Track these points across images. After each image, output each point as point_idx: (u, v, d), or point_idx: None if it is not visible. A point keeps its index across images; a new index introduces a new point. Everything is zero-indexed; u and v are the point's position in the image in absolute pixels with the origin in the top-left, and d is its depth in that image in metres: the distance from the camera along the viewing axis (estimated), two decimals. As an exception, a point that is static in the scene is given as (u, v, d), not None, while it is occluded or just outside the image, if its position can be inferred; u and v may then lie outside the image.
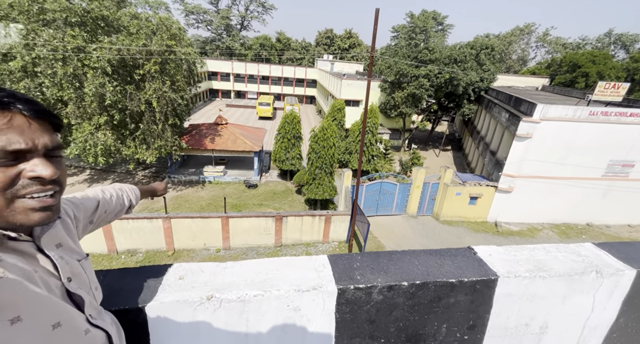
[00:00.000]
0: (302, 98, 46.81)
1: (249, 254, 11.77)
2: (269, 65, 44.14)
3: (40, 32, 11.73)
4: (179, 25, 15.86)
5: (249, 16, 57.65)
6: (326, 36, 59.77)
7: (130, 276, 0.89)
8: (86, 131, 12.19)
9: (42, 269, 0.64)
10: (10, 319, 0.52)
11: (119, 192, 1.12)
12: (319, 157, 13.42)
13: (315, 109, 43.88)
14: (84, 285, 0.73)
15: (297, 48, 59.53)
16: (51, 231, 0.70)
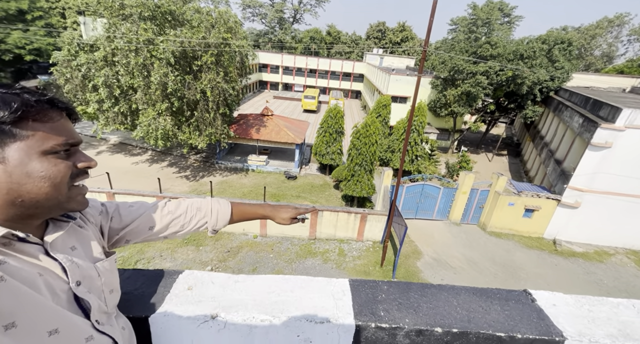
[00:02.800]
0: (348, 92, 46.25)
1: (283, 243, 12.09)
2: (317, 59, 44.24)
3: (120, 26, 13.12)
4: (236, 18, 16.55)
5: (302, 9, 58.16)
6: (377, 29, 57.89)
7: (142, 279, 0.88)
8: (150, 116, 13.44)
9: (49, 273, 0.63)
10: (4, 325, 0.51)
11: (192, 211, 0.99)
12: (359, 154, 13.15)
13: (360, 104, 43.09)
14: (95, 289, 0.72)
15: (346, 41, 58.71)
16: (64, 233, 0.70)
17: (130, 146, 19.83)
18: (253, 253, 11.39)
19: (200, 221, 1.00)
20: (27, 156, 0.57)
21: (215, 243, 11.69)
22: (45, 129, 0.59)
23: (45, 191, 0.60)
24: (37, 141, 0.58)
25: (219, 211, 1.04)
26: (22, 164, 0.57)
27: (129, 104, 13.87)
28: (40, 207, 0.62)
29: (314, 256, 11.58)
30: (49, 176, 0.60)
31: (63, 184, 0.63)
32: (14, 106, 0.55)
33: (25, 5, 25.67)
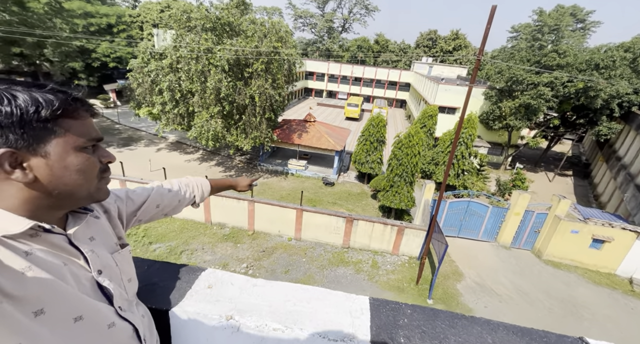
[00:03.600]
0: (392, 101, 45.34)
1: (317, 249, 12.10)
2: (363, 67, 44.24)
3: (185, 36, 14.56)
4: (287, 28, 17.33)
5: (351, 18, 58.88)
6: (428, 38, 56.15)
7: (169, 272, 0.93)
8: (204, 118, 14.59)
9: (73, 262, 0.67)
10: (34, 312, 0.55)
11: (184, 187, 1.16)
12: (400, 165, 12.72)
13: (404, 113, 41.92)
14: (115, 278, 0.76)
15: (394, 50, 57.86)
16: (84, 224, 0.74)
17: (185, 145, 21.67)
18: (286, 255, 11.58)
19: (191, 194, 1.18)
20: (65, 151, 0.62)
21: (252, 242, 12.13)
22: (78, 126, 0.64)
23: (80, 183, 0.66)
24: (72, 137, 0.63)
25: (202, 184, 1.23)
26: (61, 158, 0.62)
27: (187, 106, 15.21)
28: (72, 198, 0.67)
29: (346, 265, 11.39)
30: (84, 169, 0.65)
31: (94, 177, 0.69)
32: (55, 105, 0.59)
33: (113, 20, 29.91)
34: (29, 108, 0.57)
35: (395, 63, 56.85)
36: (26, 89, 0.59)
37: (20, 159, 0.57)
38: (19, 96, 0.56)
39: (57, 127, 0.61)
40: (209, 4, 15.08)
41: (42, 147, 0.59)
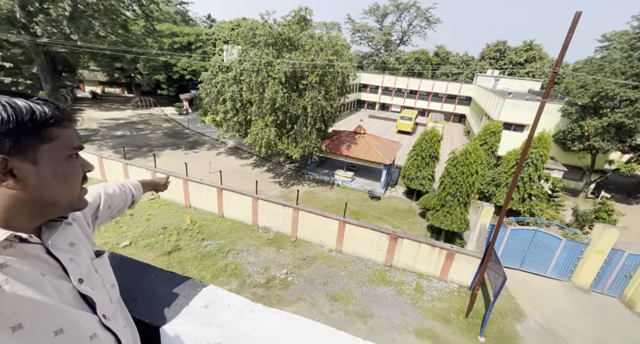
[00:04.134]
0: (450, 116, 42.88)
1: (357, 263, 11.75)
2: (420, 80, 42.89)
3: (249, 51, 15.87)
4: (344, 42, 17.73)
5: (410, 31, 57.92)
6: (496, 49, 52.25)
7: (172, 284, 0.93)
8: (259, 126, 15.55)
9: (52, 272, 0.65)
10: (11, 327, 0.52)
11: (122, 188, 1.19)
12: (453, 183, 11.79)
13: (463, 129, 39.20)
14: (97, 285, 0.74)
15: (455, 62, 55.04)
16: (61, 231, 0.72)
17: (241, 151, 23.28)
18: (326, 267, 11.44)
19: (130, 196, 1.22)
20: (55, 159, 0.62)
21: (293, 249, 12.29)
22: (65, 135, 0.65)
23: (65, 191, 0.65)
24: (61, 145, 0.64)
25: (136, 186, 1.29)
26: (50, 166, 0.61)
27: (245, 115, 16.39)
28: (55, 207, 0.66)
29: (387, 285, 10.79)
30: (70, 177, 0.66)
31: (78, 185, 0.69)
32: (48, 113, 0.60)
33: (192, 39, 34.15)
34: (24, 116, 0.57)
35: (455, 76, 53.95)
36: (15, 97, 0.59)
37: (11, 165, 0.57)
38: (17, 103, 0.57)
39: (47, 136, 0.61)
40: (273, 21, 16.23)
41: (33, 154, 0.59)
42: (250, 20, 31.46)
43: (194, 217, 13.55)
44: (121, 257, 1.15)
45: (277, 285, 10.26)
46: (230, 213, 13.74)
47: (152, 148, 21.49)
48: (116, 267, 1.09)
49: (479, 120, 30.34)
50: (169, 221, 13.17)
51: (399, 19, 58.03)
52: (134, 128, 25.77)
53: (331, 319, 9.10)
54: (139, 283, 1.03)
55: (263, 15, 15.95)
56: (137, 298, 0.96)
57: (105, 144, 21.43)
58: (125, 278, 1.04)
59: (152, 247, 11.43)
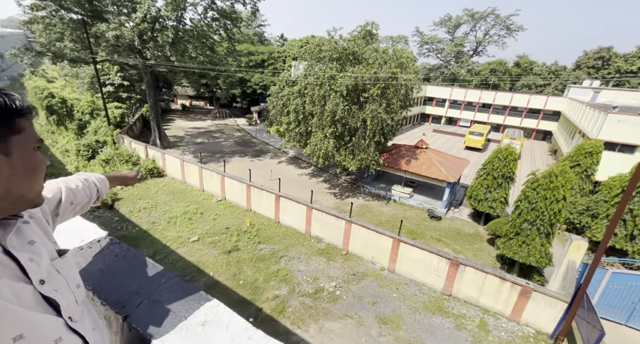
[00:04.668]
0: (531, 132, 37.87)
1: (411, 287, 10.93)
2: (495, 92, 39.07)
3: (314, 66, 16.66)
4: (410, 54, 17.31)
5: (486, 41, 53.63)
6: (597, 57, 44.81)
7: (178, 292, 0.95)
8: (318, 138, 16.02)
9: (8, 274, 0.60)
10: None
11: (85, 182, 1.11)
12: (533, 209, 10.21)
13: (548, 147, 34.13)
14: (61, 286, 0.70)
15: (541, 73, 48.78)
16: (17, 229, 0.67)
17: (300, 160, 24.22)
18: (377, 286, 10.92)
19: (95, 190, 1.15)
20: (24, 150, 0.61)
21: (344, 262, 12.08)
22: (30, 127, 0.63)
23: (32, 184, 0.64)
24: (28, 137, 0.62)
25: (101, 180, 1.22)
26: (21, 157, 0.60)
27: (306, 126, 17.08)
28: (19, 201, 0.63)
29: (444, 316, 9.74)
30: (38, 169, 0.64)
31: (41, 179, 0.67)
32: (15, 104, 0.59)
33: (265, 57, 37.53)
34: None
35: (541, 88, 47.75)
36: None
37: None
38: None
39: (16, 127, 0.60)
40: (339, 37, 16.79)
41: (4, 146, 0.58)
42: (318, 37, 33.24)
43: (253, 220, 14.45)
44: (141, 256, 1.24)
45: (324, 297, 10.15)
46: (285, 220, 14.26)
47: (224, 155, 23.88)
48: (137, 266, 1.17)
49: (570, 138, 26.03)
50: (231, 222, 14.29)
51: (474, 28, 54.36)
52: (211, 136, 29.10)
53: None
54: (148, 286, 1.06)
55: (330, 32, 16.66)
56: (141, 303, 0.97)
57: (188, 149, 24.62)
58: (138, 280, 1.10)
59: (216, 245, 12.50)
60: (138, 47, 19.89)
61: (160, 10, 17.98)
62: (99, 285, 1.08)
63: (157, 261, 11.50)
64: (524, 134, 34.61)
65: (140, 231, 13.27)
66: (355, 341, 8.60)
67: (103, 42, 19.27)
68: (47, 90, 24.13)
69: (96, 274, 1.13)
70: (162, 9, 17.89)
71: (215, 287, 10.32)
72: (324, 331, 8.86)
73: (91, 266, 1.18)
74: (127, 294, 1.00)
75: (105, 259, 1.22)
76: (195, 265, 11.31)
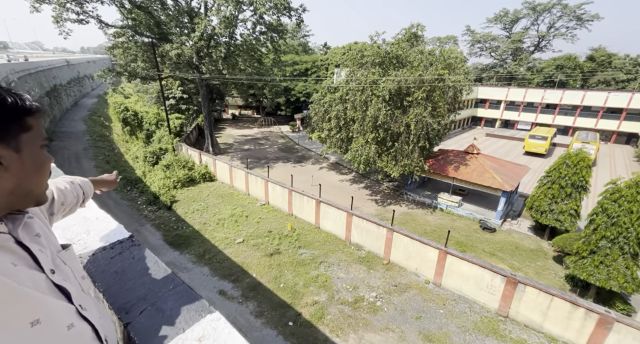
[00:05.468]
0: (611, 135, 32.80)
1: (459, 303, 10.05)
2: (562, 91, 34.74)
3: (356, 72, 16.59)
4: (460, 54, 16.30)
5: (551, 35, 48.22)
6: (698, 42, 37.30)
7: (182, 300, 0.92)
8: (359, 143, 15.81)
9: (23, 263, 0.63)
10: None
11: (71, 185, 1.14)
12: (613, 224, 8.71)
13: (634, 152, 29.15)
14: (69, 276, 0.73)
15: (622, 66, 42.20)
16: (25, 222, 0.70)
17: (342, 166, 24.16)
18: (420, 299, 10.26)
19: (81, 193, 1.18)
20: (33, 147, 0.64)
21: (385, 272, 11.62)
22: (39, 125, 0.66)
23: (39, 181, 0.66)
24: (36, 135, 0.65)
25: (86, 183, 1.25)
26: (30, 154, 0.63)
27: (348, 132, 17.00)
28: (27, 197, 0.66)
29: (500, 339, 8.74)
30: (44, 166, 0.67)
31: (47, 176, 0.69)
32: (26, 103, 0.62)
33: (309, 65, 38.59)
34: (9, 104, 0.59)
35: (623, 83, 41.29)
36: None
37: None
38: (2, 95, 0.59)
39: (26, 125, 0.63)
40: (382, 41, 16.52)
41: (15, 143, 0.61)
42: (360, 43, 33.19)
43: (294, 225, 14.72)
44: (156, 260, 1.27)
45: (364, 307, 9.83)
46: (325, 225, 14.26)
47: (268, 160, 24.92)
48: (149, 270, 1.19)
49: (663, 140, 21.86)
50: (274, 225, 14.74)
51: (535, 22, 49.33)
52: (257, 143, 30.66)
53: (422, 362, 7.97)
54: (156, 291, 1.06)
55: (372, 37, 16.49)
56: (145, 310, 0.96)
57: (236, 155, 26.24)
58: (148, 284, 1.11)
59: (259, 247, 12.98)
60: (195, 63, 21.95)
61: (215, 29, 19.64)
62: (110, 288, 1.11)
63: (206, 260, 12.26)
64: (600, 137, 30.07)
65: (193, 230, 14.38)
66: (396, 357, 8.13)
67: (167, 61, 21.69)
68: (123, 104, 27.91)
69: (110, 277, 1.17)
70: (216, 27, 19.54)
71: (258, 288, 10.66)
72: (363, 343, 8.55)
73: (108, 268, 1.23)
74: (134, 300, 1.02)
75: (122, 262, 1.27)
76: (240, 266, 11.84)
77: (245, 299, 10.19)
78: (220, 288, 10.69)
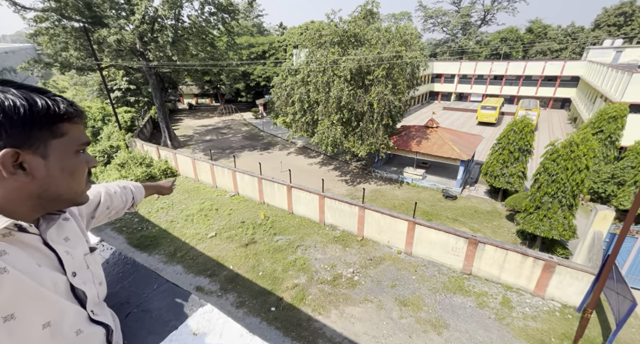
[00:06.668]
0: (548, 101, 36.14)
1: (429, 268, 10.88)
2: (507, 62, 37.22)
3: (316, 52, 16.24)
4: (414, 31, 16.56)
5: (495, 9, 50.73)
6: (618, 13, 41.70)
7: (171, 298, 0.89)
8: (325, 125, 15.80)
9: (48, 264, 0.65)
10: (3, 317, 0.51)
11: (123, 189, 1.19)
12: (553, 181, 9.80)
13: (567, 115, 32.55)
14: (88, 280, 0.75)
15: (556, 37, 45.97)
16: (57, 225, 0.72)
17: (309, 150, 24.12)
18: (394, 269, 10.92)
19: (130, 197, 1.22)
20: (63, 153, 0.63)
21: (360, 248, 12.11)
22: (75, 131, 0.66)
23: (70, 186, 0.66)
24: (70, 141, 0.65)
25: (138, 188, 1.29)
26: (59, 160, 0.63)
27: (312, 115, 16.85)
28: (58, 200, 0.66)
29: (465, 295, 9.67)
30: (77, 172, 0.67)
31: (83, 180, 0.69)
32: (61, 109, 0.62)
33: (266, 47, 36.97)
34: (40, 111, 0.59)
35: (556, 53, 45.17)
36: (31, 92, 0.60)
37: (22, 159, 0.58)
38: (33, 98, 0.59)
39: (58, 131, 0.62)
40: (339, 19, 16.22)
41: (43, 149, 0.60)
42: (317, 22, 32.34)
43: (267, 213, 14.62)
44: (133, 262, 1.20)
45: (343, 283, 10.25)
46: (298, 210, 14.35)
47: (233, 150, 24.07)
48: (128, 273, 1.13)
49: (591, 104, 24.65)
50: (246, 215, 14.52)
51: (480, -4, 51.45)
52: (219, 133, 29.33)
53: (401, 326, 8.62)
54: (139, 294, 1.04)
55: (329, 15, 16.11)
56: (130, 314, 0.95)
57: (198, 147, 24.95)
58: (129, 287, 1.06)
59: (233, 239, 12.77)
60: (140, 50, 19.95)
61: (158, 10, 17.83)
62: None
63: (178, 258, 11.83)
64: (540, 104, 33.05)
65: (160, 230, 13.69)
66: (376, 324, 8.69)
67: (106, 48, 19.42)
68: (58, 100, 24.66)
69: None
70: (159, 9, 17.73)
71: (236, 280, 10.60)
72: (345, 316, 8.99)
73: None
74: (116, 305, 0.96)
75: None
76: (215, 260, 11.61)
77: (225, 291, 10.11)
78: (196, 284, 10.45)
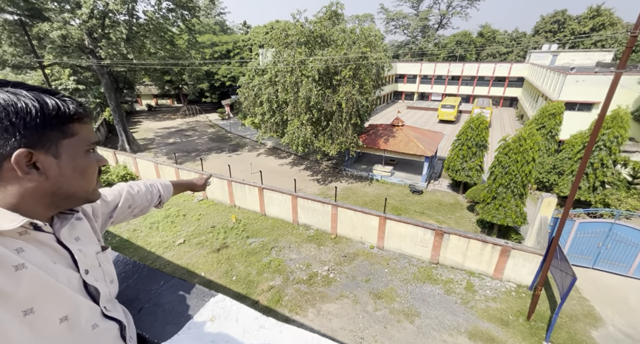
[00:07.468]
0: (499, 100, 39.28)
1: (400, 260, 11.35)
2: (462, 64, 39.88)
3: (283, 52, 16.14)
4: (377, 32, 17.12)
5: (450, 13, 54.07)
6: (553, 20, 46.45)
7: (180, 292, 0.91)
8: (295, 126, 15.78)
9: (62, 261, 0.67)
10: (23, 310, 0.53)
11: (149, 187, 1.20)
12: (506, 173, 10.73)
13: (515, 113, 35.65)
14: (100, 278, 0.77)
15: (503, 41, 50.13)
16: (70, 224, 0.75)
17: (280, 150, 23.93)
18: (368, 264, 11.24)
19: (156, 195, 1.21)
20: (74, 153, 0.65)
21: (334, 246, 12.29)
22: (85, 130, 0.68)
23: (82, 184, 0.68)
24: (80, 140, 0.66)
25: (166, 185, 1.29)
26: (71, 160, 0.65)
27: (282, 115, 16.75)
28: (71, 198, 0.69)
29: (434, 283, 10.24)
30: (88, 171, 0.69)
31: (94, 178, 0.72)
32: (71, 110, 0.64)
33: (230, 47, 35.92)
34: (50, 111, 0.60)
35: (504, 56, 49.25)
36: (41, 93, 0.62)
37: (35, 159, 0.60)
38: (44, 100, 0.60)
39: (69, 131, 0.64)
40: (305, 20, 16.28)
41: (55, 149, 0.62)
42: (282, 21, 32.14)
43: (238, 216, 14.26)
44: (134, 263, 1.18)
45: (319, 282, 10.34)
46: (271, 211, 14.19)
47: (200, 153, 23.12)
48: (130, 273, 1.10)
49: (534, 102, 27.26)
50: (216, 220, 14.04)
51: (437, 1, 54.51)
52: (183, 135, 27.98)
53: (376, 318, 8.91)
54: (146, 291, 1.03)
55: (294, 15, 16.10)
56: (143, 308, 0.95)
57: (160, 151, 23.59)
58: (134, 286, 1.04)
59: (203, 245, 12.29)
60: (89, 47, 18.39)
61: (109, 4, 16.53)
62: None
63: (144, 268, 11.26)
64: (492, 103, 35.87)
65: (120, 240, 12.76)
66: (352, 318, 8.90)
67: (48, 44, 17.62)
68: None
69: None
70: (110, 3, 16.45)
71: (209, 286, 10.22)
72: (322, 314, 9.09)
73: None
74: (126, 303, 0.94)
75: None
76: (185, 267, 11.10)
77: (198, 300, 9.72)
78: (166, 295, 9.93)
